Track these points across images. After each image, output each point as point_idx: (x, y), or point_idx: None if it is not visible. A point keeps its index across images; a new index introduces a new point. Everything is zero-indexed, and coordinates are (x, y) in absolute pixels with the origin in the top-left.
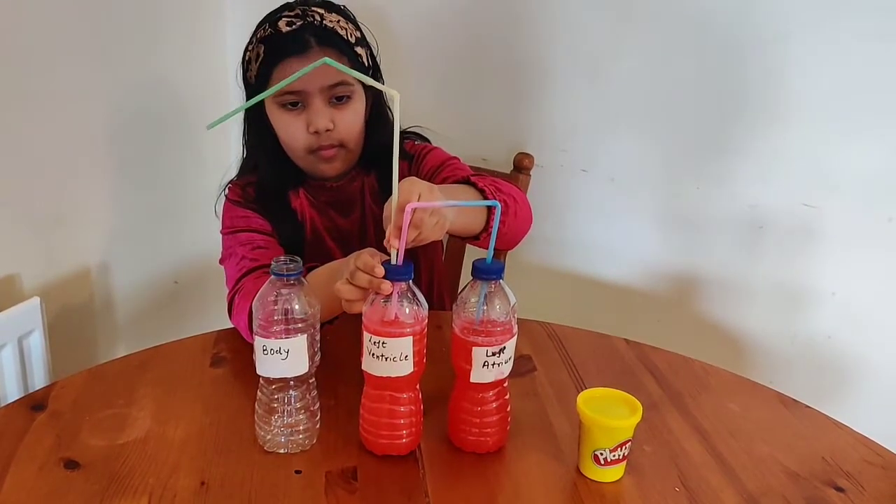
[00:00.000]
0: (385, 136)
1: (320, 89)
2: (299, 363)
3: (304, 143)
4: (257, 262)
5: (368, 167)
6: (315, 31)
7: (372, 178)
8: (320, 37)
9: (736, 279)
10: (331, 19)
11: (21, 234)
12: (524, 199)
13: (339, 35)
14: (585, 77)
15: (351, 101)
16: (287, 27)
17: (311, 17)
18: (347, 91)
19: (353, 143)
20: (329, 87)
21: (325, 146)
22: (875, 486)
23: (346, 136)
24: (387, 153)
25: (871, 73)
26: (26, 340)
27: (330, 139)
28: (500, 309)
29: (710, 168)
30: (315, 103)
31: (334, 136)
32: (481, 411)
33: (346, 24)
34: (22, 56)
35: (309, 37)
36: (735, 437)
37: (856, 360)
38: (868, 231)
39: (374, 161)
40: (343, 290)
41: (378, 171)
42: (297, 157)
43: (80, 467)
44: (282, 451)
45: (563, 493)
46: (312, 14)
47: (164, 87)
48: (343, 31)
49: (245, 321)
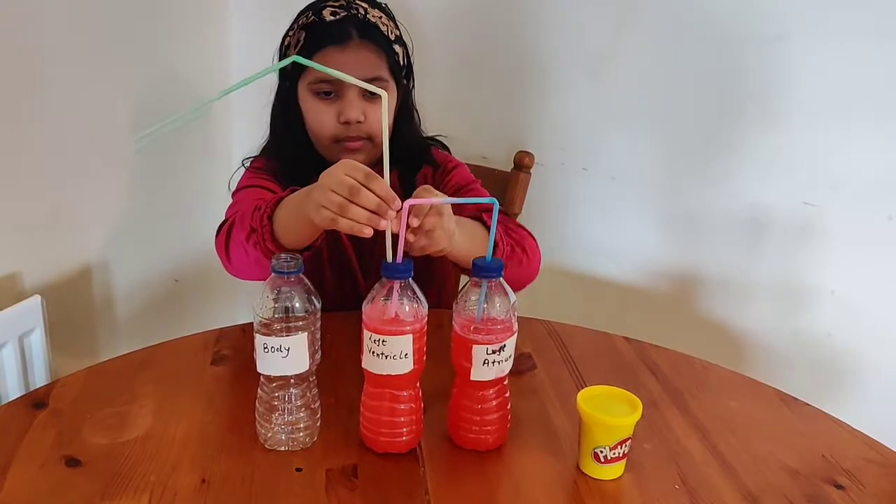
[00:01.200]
0: (410, 135)
1: None
2: (300, 361)
3: (331, 132)
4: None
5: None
6: (358, 23)
7: (393, 176)
8: (362, 29)
9: (736, 277)
10: (374, 14)
11: (22, 232)
12: (534, 247)
13: (380, 30)
14: (586, 76)
15: None
16: (331, 16)
17: (355, 9)
18: (382, 87)
19: (380, 137)
20: (364, 81)
21: (352, 137)
22: (875, 484)
23: (375, 129)
24: (410, 152)
25: (871, 72)
26: (27, 339)
27: (359, 131)
28: (500, 307)
29: (710, 166)
30: (349, 94)
31: (363, 129)
32: (481, 409)
33: (387, 21)
34: (21, 55)
35: (351, 28)
36: (735, 434)
37: (855, 358)
38: (868, 229)
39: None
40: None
41: (399, 171)
42: (322, 145)
43: (82, 465)
44: (282, 448)
45: (563, 490)
46: (357, 7)
47: (166, 85)
48: (384, 27)
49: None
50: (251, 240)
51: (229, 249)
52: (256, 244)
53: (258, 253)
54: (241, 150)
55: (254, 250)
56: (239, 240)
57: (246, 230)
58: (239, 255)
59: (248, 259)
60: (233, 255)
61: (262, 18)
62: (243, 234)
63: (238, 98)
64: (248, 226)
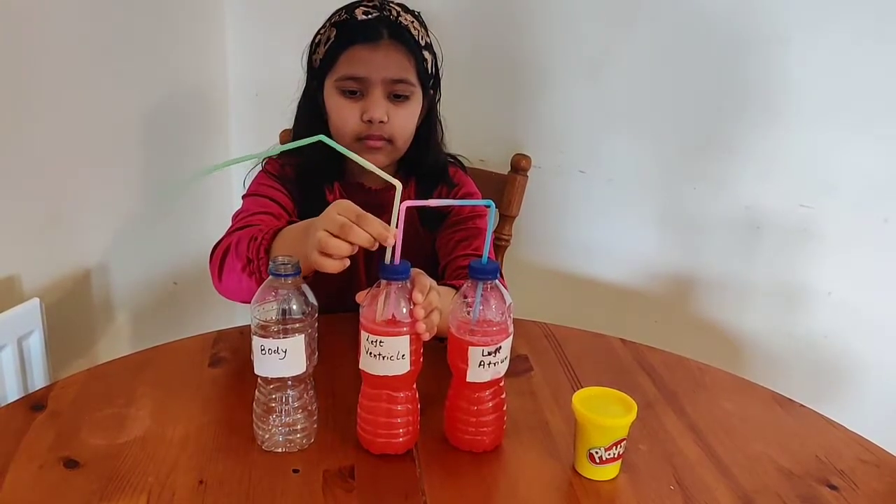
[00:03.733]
0: (431, 145)
1: (383, 80)
2: (297, 363)
3: (354, 129)
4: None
5: (408, 175)
6: (389, 24)
7: (410, 189)
8: (393, 30)
9: (733, 279)
10: (406, 18)
11: (21, 234)
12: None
13: (410, 33)
14: (583, 78)
15: (409, 101)
16: (363, 16)
17: (388, 11)
18: (408, 91)
19: (401, 141)
20: (392, 82)
21: (374, 136)
22: (869, 485)
23: (397, 132)
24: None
25: (868, 74)
26: (26, 341)
27: (381, 131)
28: (496, 309)
29: (707, 169)
30: (375, 93)
31: (386, 130)
32: (478, 410)
33: (418, 27)
34: (21, 56)
35: (382, 28)
36: (730, 435)
37: (852, 360)
38: (864, 232)
39: (415, 168)
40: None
41: (417, 184)
42: (344, 143)
43: (80, 466)
44: (280, 450)
45: (559, 491)
46: (390, 9)
47: (164, 88)
48: (415, 31)
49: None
50: (247, 270)
51: (222, 274)
52: (252, 274)
53: (253, 283)
54: (238, 152)
55: (248, 280)
56: (233, 268)
57: (242, 261)
58: (231, 281)
59: (240, 286)
60: (225, 280)
61: (259, 19)
62: (239, 265)
63: (234, 103)
64: (245, 256)
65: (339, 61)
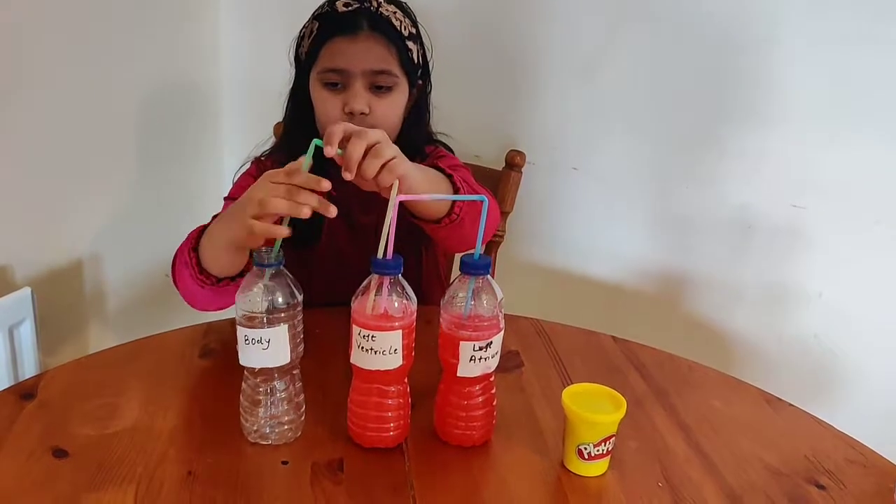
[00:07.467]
0: (419, 135)
1: (363, 72)
2: (281, 353)
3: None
4: None
5: None
6: (369, 16)
7: None
8: (373, 21)
9: (724, 278)
10: (388, 9)
11: (13, 224)
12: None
13: (391, 25)
14: (577, 76)
15: (392, 92)
16: (343, 7)
17: (368, 2)
18: (390, 82)
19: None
20: (372, 73)
21: None
22: (856, 484)
23: (380, 124)
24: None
25: (858, 75)
26: (17, 330)
27: (363, 122)
28: (487, 304)
29: (699, 168)
30: (356, 85)
31: (368, 122)
32: (468, 405)
33: (401, 17)
34: (17, 52)
35: (362, 20)
36: (718, 433)
37: (842, 360)
38: (855, 233)
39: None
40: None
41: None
42: None
43: (69, 456)
44: (267, 442)
45: (547, 486)
46: (370, 0)
47: (159, 81)
48: (398, 22)
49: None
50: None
51: (178, 284)
52: (192, 277)
53: (196, 286)
54: (230, 145)
55: (192, 285)
56: (182, 276)
57: (181, 271)
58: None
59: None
60: (181, 289)
61: (252, 17)
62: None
63: (227, 96)
64: (182, 264)
65: (321, 54)
